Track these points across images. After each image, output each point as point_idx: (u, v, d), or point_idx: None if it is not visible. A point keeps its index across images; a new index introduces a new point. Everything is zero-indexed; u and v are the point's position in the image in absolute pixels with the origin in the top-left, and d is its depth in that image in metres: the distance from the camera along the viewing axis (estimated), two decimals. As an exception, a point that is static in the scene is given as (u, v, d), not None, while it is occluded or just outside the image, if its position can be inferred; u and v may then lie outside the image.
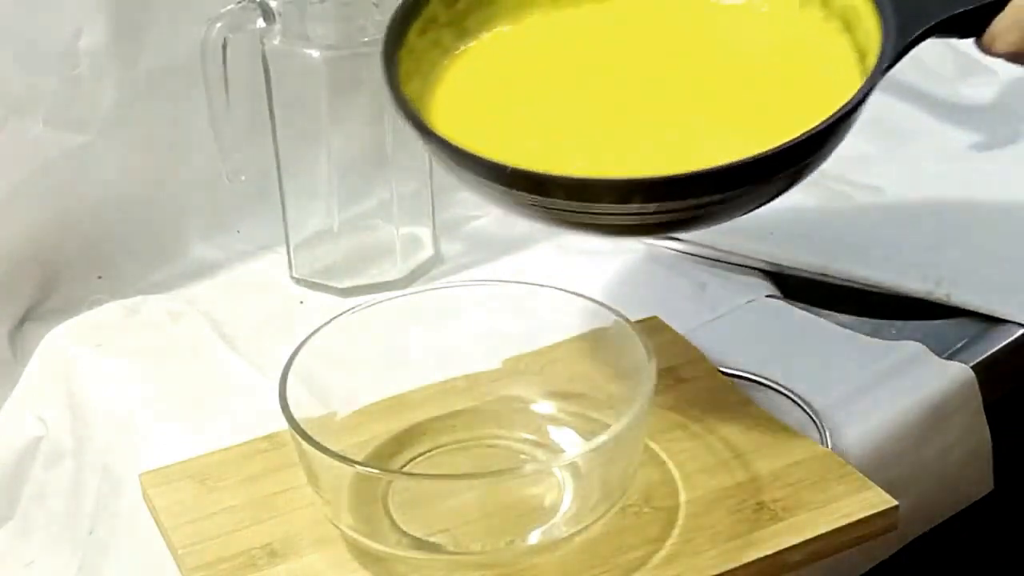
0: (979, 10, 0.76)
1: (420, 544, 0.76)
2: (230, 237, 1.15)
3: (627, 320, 0.81)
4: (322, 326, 0.83)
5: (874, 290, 1.06)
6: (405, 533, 0.77)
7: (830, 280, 1.08)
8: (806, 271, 1.08)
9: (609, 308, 0.83)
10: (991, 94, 1.28)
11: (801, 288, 1.08)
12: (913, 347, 0.97)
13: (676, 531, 0.77)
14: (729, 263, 1.10)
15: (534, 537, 0.76)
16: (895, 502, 0.78)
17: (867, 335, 1.00)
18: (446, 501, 0.77)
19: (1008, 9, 0.71)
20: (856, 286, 1.07)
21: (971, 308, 1.02)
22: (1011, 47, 0.71)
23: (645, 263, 1.08)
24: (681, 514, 0.78)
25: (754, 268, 1.10)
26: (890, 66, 0.76)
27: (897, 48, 0.76)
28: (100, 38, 1.04)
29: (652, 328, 0.92)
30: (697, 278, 1.08)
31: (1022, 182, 1.18)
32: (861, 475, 0.80)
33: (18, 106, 1.03)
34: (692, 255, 1.11)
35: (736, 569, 0.74)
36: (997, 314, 1.02)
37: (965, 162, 1.24)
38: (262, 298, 1.08)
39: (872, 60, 0.77)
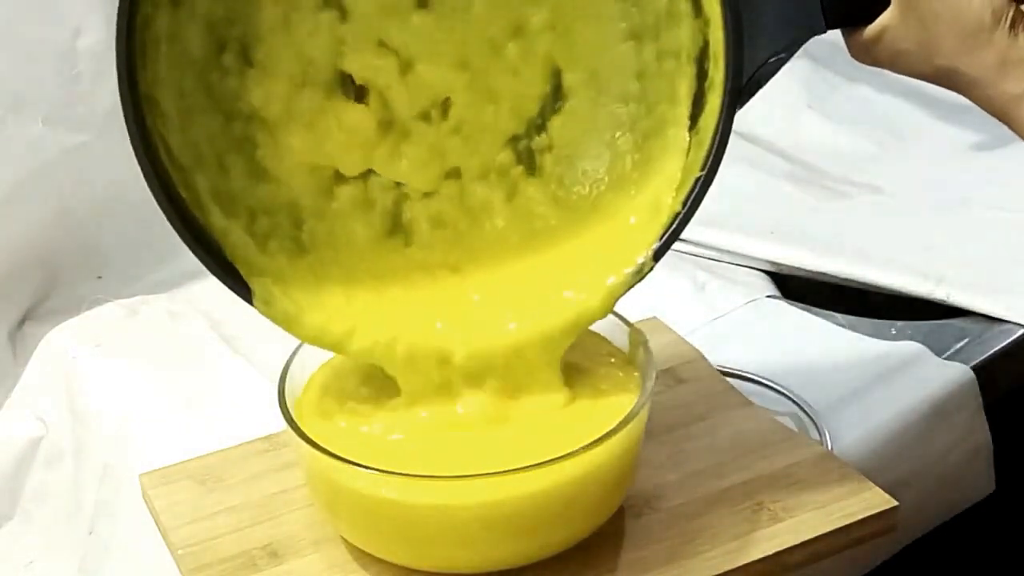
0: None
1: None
2: (230, 237, 1.15)
3: (627, 321, 0.81)
4: (322, 326, 0.82)
5: (874, 290, 1.06)
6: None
7: (830, 280, 1.08)
8: (806, 271, 1.08)
9: (609, 308, 0.82)
10: (991, 94, 1.28)
11: (801, 288, 1.08)
12: (913, 347, 0.97)
13: (676, 531, 0.77)
14: (729, 263, 1.10)
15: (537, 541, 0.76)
16: (895, 502, 0.78)
17: (867, 335, 1.00)
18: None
19: (852, 50, 0.74)
20: (856, 286, 1.07)
21: (971, 308, 1.03)
22: (871, 65, 0.74)
23: (645, 263, 1.08)
24: (681, 514, 0.78)
25: (754, 268, 1.10)
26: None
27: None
28: (100, 38, 1.04)
29: (652, 328, 0.92)
30: (697, 278, 1.07)
31: (1022, 182, 1.18)
32: (861, 475, 0.79)
33: (18, 106, 1.03)
34: (692, 255, 1.11)
35: (736, 569, 0.74)
36: (997, 314, 1.02)
37: (965, 162, 1.24)
38: (262, 298, 1.08)
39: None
